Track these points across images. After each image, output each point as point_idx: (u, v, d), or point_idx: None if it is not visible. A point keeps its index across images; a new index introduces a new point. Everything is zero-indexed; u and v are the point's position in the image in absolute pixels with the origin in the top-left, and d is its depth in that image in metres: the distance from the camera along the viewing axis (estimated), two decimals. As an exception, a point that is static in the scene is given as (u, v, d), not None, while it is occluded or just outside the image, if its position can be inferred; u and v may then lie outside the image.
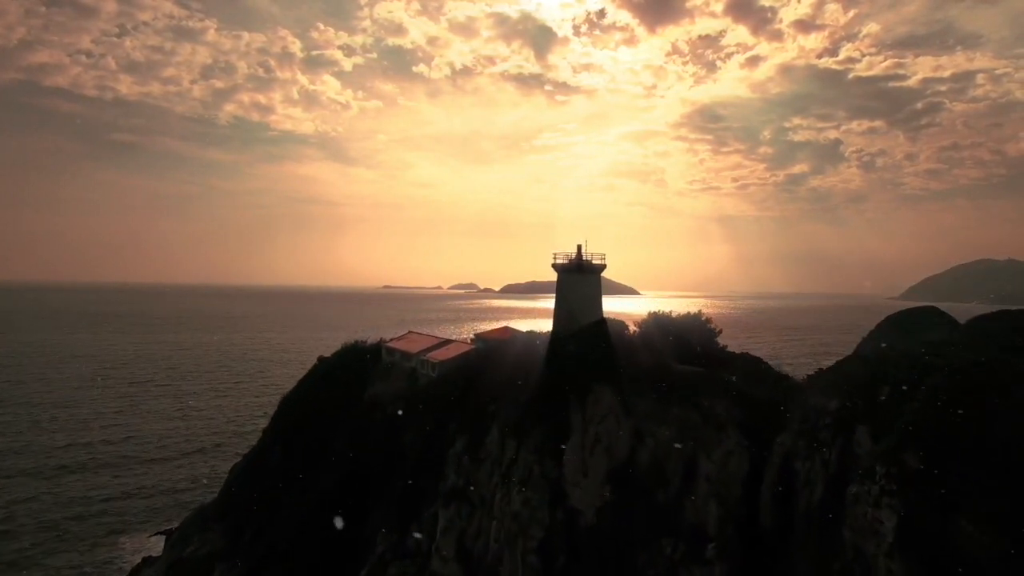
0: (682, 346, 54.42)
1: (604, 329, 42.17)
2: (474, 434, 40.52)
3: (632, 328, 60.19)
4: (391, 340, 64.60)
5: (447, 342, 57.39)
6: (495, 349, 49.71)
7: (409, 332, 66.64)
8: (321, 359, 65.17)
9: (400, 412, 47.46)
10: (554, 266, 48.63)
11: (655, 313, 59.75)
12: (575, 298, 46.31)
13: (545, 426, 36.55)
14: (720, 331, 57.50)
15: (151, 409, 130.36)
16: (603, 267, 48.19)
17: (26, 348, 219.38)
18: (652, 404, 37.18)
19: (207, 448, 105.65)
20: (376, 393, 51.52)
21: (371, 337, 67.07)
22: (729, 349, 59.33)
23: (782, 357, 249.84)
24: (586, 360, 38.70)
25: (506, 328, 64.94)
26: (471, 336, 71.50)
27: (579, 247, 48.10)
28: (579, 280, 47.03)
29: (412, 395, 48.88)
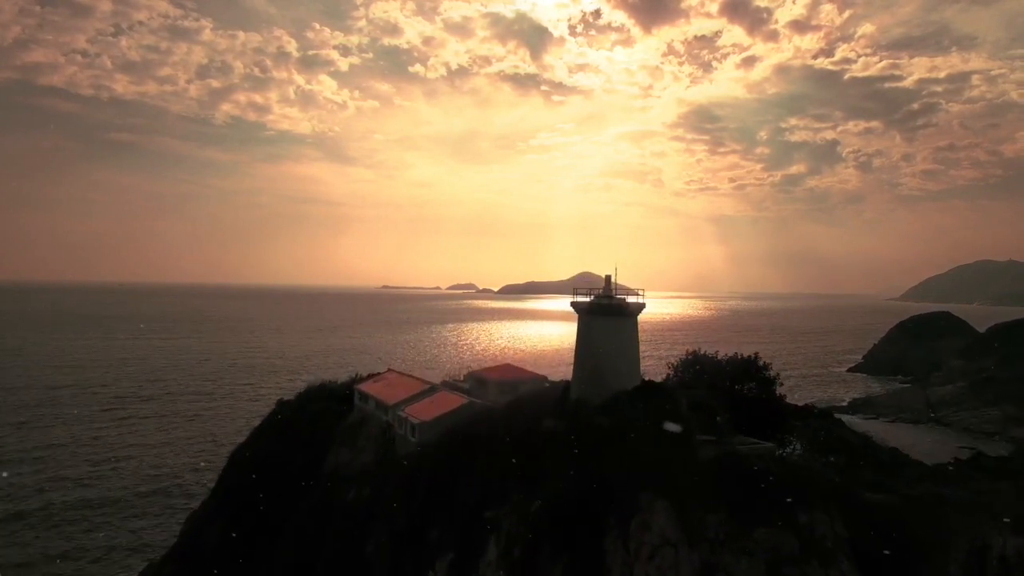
0: (731, 395, 42.53)
1: (650, 400, 29.88)
2: (463, 551, 28.39)
3: (667, 371, 48.09)
4: (366, 380, 52.32)
5: (432, 389, 45.04)
6: (494, 408, 37.50)
7: (388, 370, 54.25)
8: (281, 404, 52.84)
9: (366, 495, 35.32)
10: (573, 305, 36.24)
11: (695, 353, 47.72)
12: (604, 351, 33.51)
13: (569, 559, 24.49)
14: (778, 376, 45.34)
15: (127, 431, 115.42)
16: (642, 307, 35.79)
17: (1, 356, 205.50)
18: (725, 521, 25.06)
19: (177, 487, 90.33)
20: (339, 465, 39.35)
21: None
22: (788, 399, 47.45)
23: (796, 366, 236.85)
24: (626, 452, 26.55)
25: (508, 366, 52.70)
26: (465, 372, 59.20)
27: (608, 279, 35.53)
28: (609, 326, 34.10)
29: (383, 472, 36.63)
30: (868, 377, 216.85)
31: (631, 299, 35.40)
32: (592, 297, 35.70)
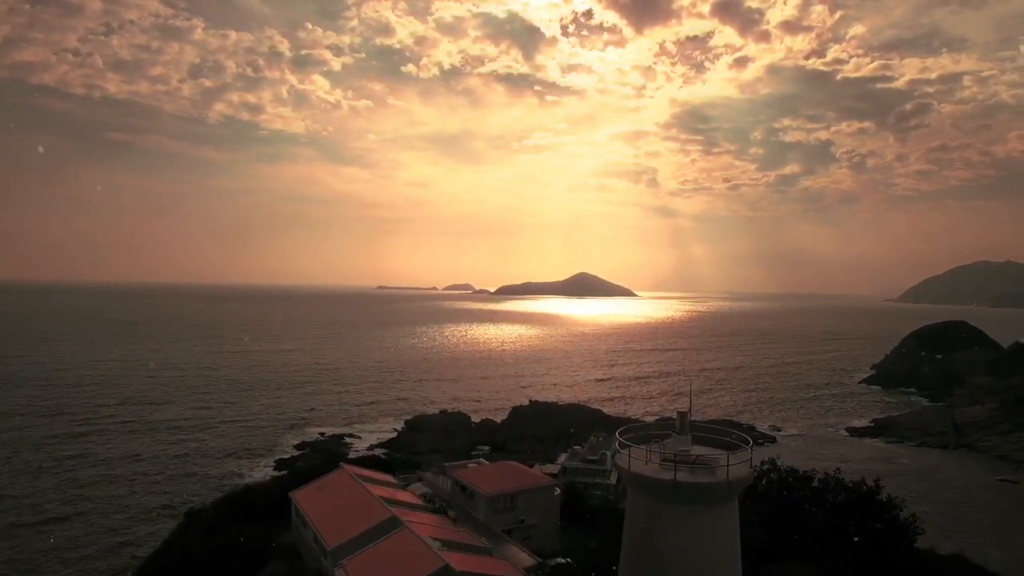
0: (845, 546, 29.52)
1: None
2: None
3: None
4: (310, 483, 39.14)
5: (393, 522, 31.72)
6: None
7: (342, 469, 40.74)
8: (190, 518, 39.78)
9: None
10: (622, 471, 19.46)
11: (773, 463, 34.11)
12: (676, 559, 17.59)
13: None
14: (913, 518, 31.84)
15: (81, 473, 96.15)
16: (751, 479, 19.79)
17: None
18: None
19: (123, 545, 73.22)
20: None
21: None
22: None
23: (806, 377, 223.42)
24: None
25: (505, 467, 40.47)
26: (446, 466, 45.73)
27: (682, 416, 19.94)
28: (694, 523, 17.84)
29: None
30: (883, 391, 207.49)
31: (733, 460, 17.89)
32: (651, 453, 18.59)
